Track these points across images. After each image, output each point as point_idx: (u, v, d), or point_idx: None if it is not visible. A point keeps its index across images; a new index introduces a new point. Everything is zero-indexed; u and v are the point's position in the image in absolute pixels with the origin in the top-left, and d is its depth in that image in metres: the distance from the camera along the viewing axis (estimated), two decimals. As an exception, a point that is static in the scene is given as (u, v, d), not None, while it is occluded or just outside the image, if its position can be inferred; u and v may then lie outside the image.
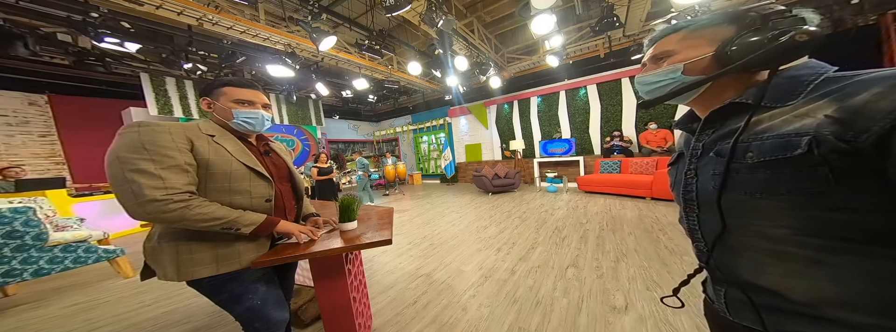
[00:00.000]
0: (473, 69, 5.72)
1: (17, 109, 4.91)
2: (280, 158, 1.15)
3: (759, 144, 0.42)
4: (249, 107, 1.00)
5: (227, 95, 0.97)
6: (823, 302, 0.40)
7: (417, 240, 3.29)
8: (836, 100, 0.37)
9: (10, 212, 2.09)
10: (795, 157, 0.38)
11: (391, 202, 6.39)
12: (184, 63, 4.72)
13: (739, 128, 0.45)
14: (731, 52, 0.46)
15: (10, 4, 3.24)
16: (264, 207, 1.00)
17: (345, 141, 10.44)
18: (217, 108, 0.97)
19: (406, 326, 1.64)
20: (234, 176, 0.93)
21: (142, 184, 0.75)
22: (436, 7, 3.48)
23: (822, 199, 0.37)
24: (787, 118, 0.41)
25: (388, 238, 1.07)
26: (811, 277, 0.40)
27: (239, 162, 0.94)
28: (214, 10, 3.53)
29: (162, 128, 0.82)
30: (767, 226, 0.42)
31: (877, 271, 0.36)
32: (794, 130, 0.39)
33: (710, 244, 0.51)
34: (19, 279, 2.16)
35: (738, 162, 0.44)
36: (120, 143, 0.78)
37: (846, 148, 0.35)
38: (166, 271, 0.86)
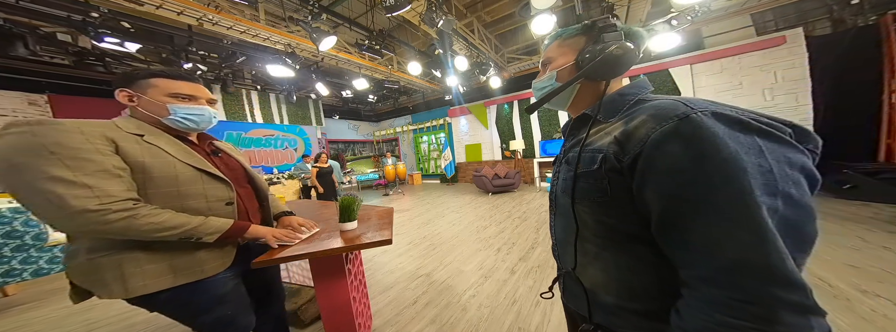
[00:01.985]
0: (473, 69, 5.72)
1: (17, 109, 4.90)
2: (232, 159, 1.05)
3: (584, 156, 0.49)
4: (191, 102, 0.88)
5: (159, 88, 0.84)
6: (597, 287, 0.51)
7: (417, 240, 3.29)
8: (624, 123, 0.44)
9: (9, 212, 2.09)
10: (593, 171, 0.46)
11: (391, 202, 6.39)
12: (184, 63, 4.72)
13: (580, 139, 0.52)
14: (581, 62, 0.52)
15: (10, 4, 3.24)
16: (226, 211, 0.89)
17: (345, 141, 10.44)
18: (144, 102, 0.83)
19: (406, 326, 1.64)
20: (182, 179, 0.82)
21: (62, 194, 0.63)
22: (436, 7, 3.48)
23: (604, 206, 0.46)
24: (600, 135, 0.48)
25: (388, 238, 1.06)
26: (594, 267, 0.51)
27: (184, 164, 0.83)
28: (214, 10, 3.52)
29: (65, 126, 0.68)
30: (582, 227, 0.51)
31: (623, 263, 0.47)
32: (597, 147, 0.46)
33: (557, 241, 0.61)
34: (19, 278, 2.16)
35: (576, 171, 0.49)
36: (6, 147, 0.63)
37: (618, 167, 0.42)
38: (111, 289, 0.74)
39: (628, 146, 0.41)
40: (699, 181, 0.34)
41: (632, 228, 0.44)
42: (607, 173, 0.44)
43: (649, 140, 0.38)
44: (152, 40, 4.32)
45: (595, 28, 0.52)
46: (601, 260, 0.49)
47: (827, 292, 1.65)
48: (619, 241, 0.46)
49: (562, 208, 0.56)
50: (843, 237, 2.41)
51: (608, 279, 0.49)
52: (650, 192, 0.38)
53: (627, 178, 0.41)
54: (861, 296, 1.58)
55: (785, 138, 0.36)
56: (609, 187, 0.44)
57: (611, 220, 0.46)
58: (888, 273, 1.80)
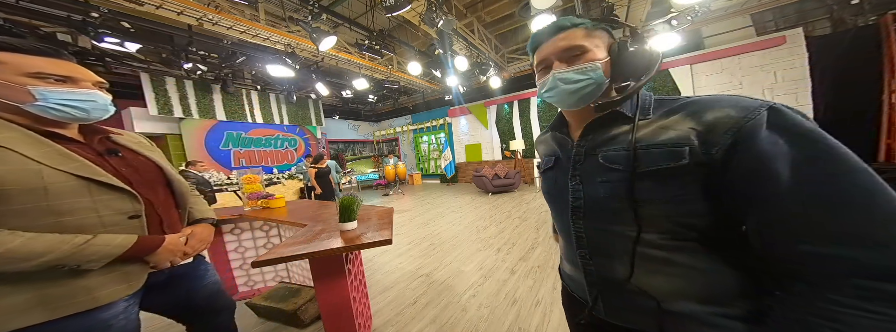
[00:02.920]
0: (473, 69, 5.72)
1: (17, 109, 4.91)
2: (139, 157, 0.83)
3: (652, 152, 0.43)
4: (69, 85, 0.66)
5: (9, 66, 0.61)
6: (672, 295, 0.44)
7: (417, 240, 3.29)
8: (689, 116, 0.42)
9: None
10: (679, 166, 0.41)
11: (391, 202, 6.39)
12: (184, 63, 4.73)
13: (618, 136, 0.49)
14: (618, 59, 0.48)
15: (11, 4, 3.24)
16: (129, 226, 0.71)
17: (345, 141, 10.44)
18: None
19: (406, 326, 1.64)
20: (54, 191, 0.61)
21: None
22: (436, 7, 3.48)
23: (683, 204, 0.42)
24: (654, 130, 0.45)
25: (388, 238, 1.07)
26: (663, 273, 0.45)
27: (57, 171, 0.62)
28: (214, 10, 3.53)
29: None
30: (647, 230, 0.45)
31: (705, 265, 0.42)
32: (671, 140, 0.42)
33: (592, 251, 0.51)
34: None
35: (634, 170, 0.44)
36: None
37: (704, 160, 0.39)
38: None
39: (713, 137, 0.39)
40: (833, 169, 0.32)
41: (713, 225, 0.41)
42: (693, 167, 0.40)
43: (743, 130, 0.37)
44: (152, 40, 4.33)
45: (621, 26, 0.51)
46: (674, 265, 0.44)
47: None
48: (699, 241, 0.42)
49: (604, 214, 0.49)
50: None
51: (687, 284, 0.43)
52: (769, 185, 0.35)
53: (718, 171, 0.38)
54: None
55: None
56: (691, 182, 0.40)
57: (690, 219, 0.42)
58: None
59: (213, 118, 6.41)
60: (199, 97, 6.12)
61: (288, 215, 1.74)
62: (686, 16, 3.96)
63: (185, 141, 6.09)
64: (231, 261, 2.08)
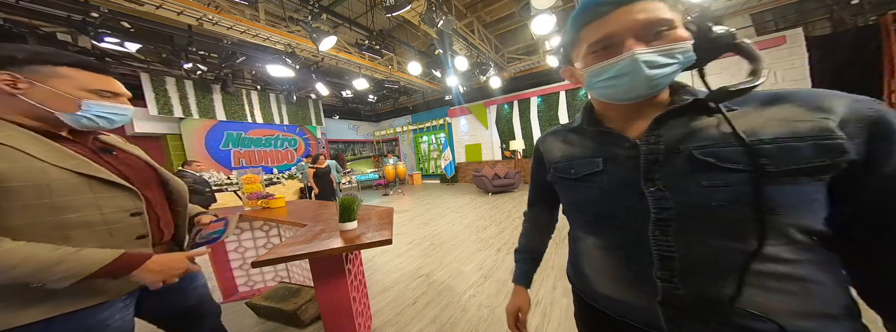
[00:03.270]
0: (473, 69, 5.73)
1: (17, 109, 4.91)
2: (131, 156, 0.83)
3: (783, 147, 0.35)
4: (114, 100, 0.72)
5: (74, 81, 0.66)
6: (788, 315, 0.37)
7: (417, 240, 3.29)
8: (808, 106, 0.36)
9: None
10: (824, 165, 0.34)
11: (391, 202, 6.39)
12: (184, 63, 4.73)
13: (704, 130, 0.41)
14: (703, 39, 0.41)
15: (11, 4, 3.24)
16: (131, 223, 0.71)
17: (345, 141, 10.44)
18: (38, 92, 0.62)
19: (406, 326, 1.64)
20: (58, 189, 0.61)
21: None
22: (436, 7, 3.48)
23: (815, 210, 0.35)
24: (765, 121, 0.38)
25: (388, 238, 1.07)
26: (784, 292, 0.37)
27: (60, 169, 0.62)
28: (214, 10, 3.53)
29: None
30: (771, 242, 0.36)
31: (828, 276, 0.37)
32: (809, 133, 0.34)
33: (685, 271, 0.41)
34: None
35: (752, 171, 0.36)
36: None
37: (848, 155, 0.33)
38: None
39: (849, 129, 0.33)
40: None
41: (833, 232, 0.37)
42: (837, 163, 0.34)
43: (880, 121, 0.33)
44: (152, 40, 4.33)
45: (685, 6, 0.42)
46: (795, 279, 0.36)
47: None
48: (821, 250, 0.37)
49: (712, 226, 0.39)
50: (843, 237, 2.41)
51: (810, 301, 0.37)
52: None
53: (858, 166, 0.34)
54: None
55: None
56: (828, 183, 0.35)
57: (817, 226, 0.36)
58: (888, 273, 1.80)
59: (213, 118, 6.41)
60: (199, 97, 6.12)
61: (288, 215, 1.74)
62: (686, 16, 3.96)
63: (185, 141, 6.09)
64: (231, 261, 2.08)
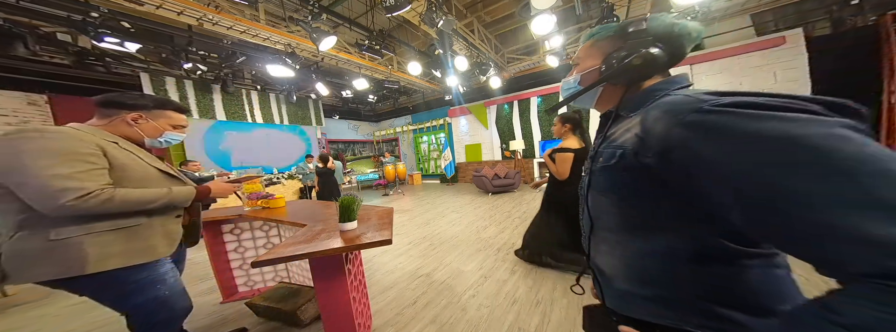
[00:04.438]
0: (473, 69, 5.73)
1: (17, 109, 4.90)
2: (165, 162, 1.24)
3: (605, 152, 0.50)
4: (180, 130, 1.15)
5: (169, 119, 1.11)
6: (612, 274, 0.53)
7: (417, 240, 3.29)
8: (643, 118, 0.43)
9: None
10: (612, 165, 0.48)
11: (391, 202, 6.39)
12: (184, 63, 4.73)
13: (608, 135, 0.54)
14: (605, 68, 0.53)
15: (11, 4, 3.24)
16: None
17: (345, 141, 10.44)
18: (147, 126, 1.06)
19: (406, 326, 1.64)
20: (151, 179, 1.03)
21: (60, 184, 0.81)
22: (436, 7, 3.48)
23: (625, 199, 0.48)
24: (621, 131, 0.49)
25: (388, 238, 1.07)
26: (610, 256, 0.53)
27: (153, 167, 1.05)
28: (214, 10, 3.53)
29: (68, 135, 0.87)
30: (599, 218, 0.54)
31: (639, 252, 0.48)
32: (619, 143, 0.48)
33: (585, 233, 0.61)
34: (19, 278, 2.16)
35: (596, 165, 0.52)
36: (21, 147, 0.81)
37: (638, 163, 0.43)
38: (80, 265, 0.86)
39: (649, 141, 0.41)
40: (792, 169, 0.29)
41: (656, 220, 0.45)
42: (627, 168, 0.45)
43: (668, 135, 0.38)
44: (152, 40, 4.33)
45: (626, 32, 0.52)
46: (618, 249, 0.51)
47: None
48: (636, 231, 0.48)
49: (585, 201, 0.58)
50: (843, 238, 2.41)
51: (624, 267, 0.51)
52: (717, 186, 0.35)
53: (659, 173, 0.41)
54: (861, 296, 1.58)
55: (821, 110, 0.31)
56: (631, 180, 0.46)
57: (636, 211, 0.47)
58: (888, 273, 1.80)
59: (213, 118, 6.41)
60: (199, 97, 6.12)
61: (288, 215, 1.74)
62: (686, 16, 3.96)
63: (185, 140, 6.09)
64: (231, 261, 2.08)
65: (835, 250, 0.28)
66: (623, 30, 0.52)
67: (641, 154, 0.42)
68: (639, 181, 0.45)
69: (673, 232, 0.44)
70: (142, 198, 0.95)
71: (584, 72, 0.58)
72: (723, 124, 0.33)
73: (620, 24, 0.54)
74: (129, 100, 1.04)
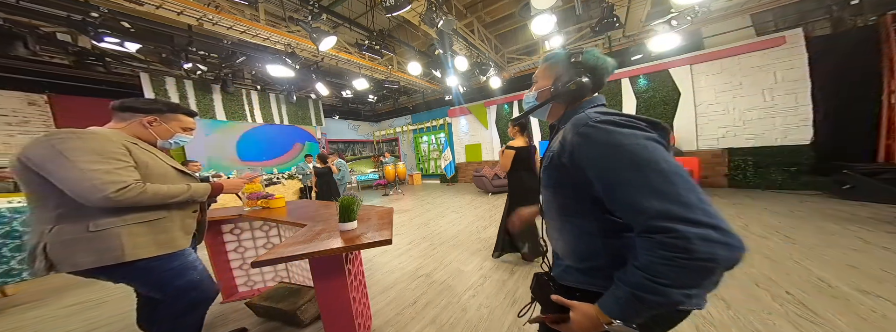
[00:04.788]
0: (473, 69, 5.72)
1: (17, 109, 4.90)
2: None
3: (547, 155, 0.65)
4: (189, 133, 1.25)
5: (180, 122, 1.21)
6: (565, 253, 0.67)
7: (417, 240, 3.29)
8: (564, 130, 0.60)
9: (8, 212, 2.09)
10: (547, 165, 0.64)
11: (391, 202, 6.39)
12: (184, 63, 4.72)
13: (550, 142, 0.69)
14: (553, 89, 0.69)
15: (11, 4, 3.24)
16: None
17: (345, 141, 10.44)
18: (160, 128, 1.16)
19: (406, 326, 1.64)
20: (169, 176, 1.14)
21: (102, 179, 0.91)
22: (436, 7, 3.48)
23: (559, 191, 0.64)
24: (556, 140, 0.64)
25: (388, 238, 1.07)
26: (558, 239, 0.69)
27: (170, 166, 1.16)
28: (214, 10, 3.52)
29: (100, 136, 0.98)
30: (550, 209, 0.69)
31: (574, 233, 0.63)
32: (552, 148, 0.64)
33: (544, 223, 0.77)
34: (18, 278, 2.16)
35: (543, 166, 0.67)
36: (61, 147, 0.91)
37: (560, 163, 0.59)
38: (109, 255, 0.97)
39: (565, 147, 0.58)
40: (613, 162, 0.50)
41: (577, 206, 0.61)
42: (555, 167, 0.61)
43: (571, 142, 0.56)
44: (152, 40, 4.32)
45: (569, 61, 0.68)
46: (561, 233, 0.67)
47: (826, 292, 1.65)
48: (569, 216, 0.63)
49: (540, 196, 0.74)
50: (843, 238, 2.41)
51: (567, 247, 0.65)
52: (592, 178, 0.53)
53: (570, 170, 0.57)
54: (861, 296, 1.58)
55: (643, 126, 0.52)
56: (557, 176, 0.62)
57: (565, 200, 0.63)
58: (888, 273, 1.80)
59: (214, 118, 6.40)
60: (199, 97, 6.12)
61: (288, 215, 1.74)
62: (686, 16, 3.96)
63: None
64: (231, 261, 2.08)
65: (633, 216, 0.47)
66: (568, 59, 0.68)
67: (561, 156, 0.59)
68: (561, 177, 0.61)
69: (588, 214, 0.59)
70: (168, 192, 1.05)
71: (540, 89, 0.73)
72: (594, 134, 0.53)
73: (567, 54, 0.69)
74: (144, 104, 1.13)
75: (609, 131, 0.51)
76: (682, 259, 0.41)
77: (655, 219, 0.43)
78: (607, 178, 0.50)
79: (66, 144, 0.91)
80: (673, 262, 0.41)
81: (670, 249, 0.41)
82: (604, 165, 0.51)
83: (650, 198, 0.44)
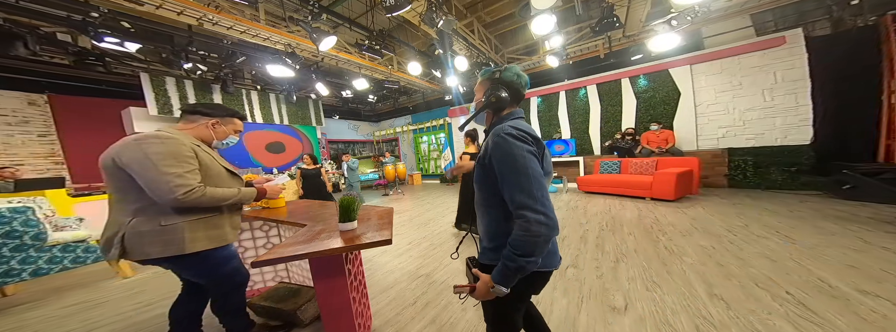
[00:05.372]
0: (473, 69, 5.73)
1: (17, 109, 4.90)
2: None
3: (479, 156, 0.80)
4: (237, 135, 1.42)
5: (235, 126, 1.38)
6: (483, 236, 0.84)
7: (417, 240, 3.29)
8: (488, 139, 0.78)
9: (8, 212, 2.09)
10: (477, 165, 0.80)
11: (391, 202, 6.39)
12: (184, 63, 4.72)
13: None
14: (483, 101, 0.85)
15: (11, 4, 3.24)
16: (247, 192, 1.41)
17: (345, 141, 10.44)
18: (219, 130, 1.33)
19: (406, 326, 1.64)
20: (223, 177, 1.27)
21: (176, 181, 1.05)
22: (436, 7, 3.48)
23: (482, 185, 0.80)
24: (485, 144, 0.79)
25: (388, 238, 1.07)
26: (481, 223, 0.85)
27: (223, 167, 1.29)
28: (214, 10, 3.53)
29: (177, 141, 1.12)
30: (478, 200, 0.84)
31: (488, 218, 0.81)
32: (481, 151, 0.80)
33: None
34: (18, 278, 2.16)
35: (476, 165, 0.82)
36: (147, 150, 1.05)
37: (483, 162, 0.77)
38: (175, 246, 1.11)
39: (487, 151, 0.75)
40: (506, 165, 0.70)
41: (492, 198, 0.77)
42: (480, 166, 0.78)
43: (489, 146, 0.75)
44: (152, 40, 4.32)
45: (493, 77, 0.84)
46: (482, 219, 0.83)
47: (826, 292, 1.65)
48: (487, 206, 0.80)
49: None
50: (843, 238, 2.41)
51: (485, 230, 0.82)
52: (496, 174, 0.73)
53: (488, 168, 0.75)
54: (861, 296, 1.58)
55: (529, 141, 0.72)
56: (481, 172, 0.78)
57: (486, 193, 0.79)
58: (888, 273, 1.80)
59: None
60: (199, 97, 6.12)
61: (288, 215, 1.74)
62: (686, 16, 3.96)
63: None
64: (231, 261, 2.08)
65: (510, 205, 0.69)
66: (492, 76, 0.84)
67: (484, 157, 0.76)
68: (484, 174, 0.76)
69: (496, 205, 0.76)
70: (222, 196, 1.19)
71: (476, 101, 0.89)
72: (501, 143, 0.71)
73: (491, 71, 0.86)
74: (209, 109, 1.30)
75: (509, 142, 0.70)
76: (526, 235, 0.64)
77: (519, 208, 0.66)
78: (501, 175, 0.71)
79: (151, 148, 1.05)
80: (521, 238, 0.65)
81: (522, 228, 0.65)
82: (500, 166, 0.71)
83: (518, 193, 0.67)
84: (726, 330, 1.40)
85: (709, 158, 5.14)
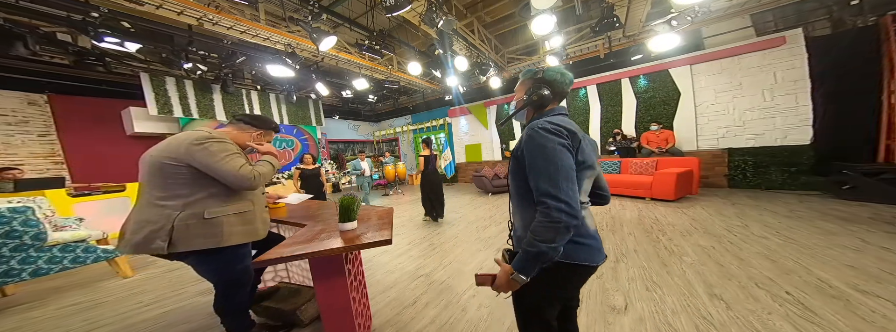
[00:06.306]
0: (473, 69, 5.73)
1: (17, 109, 4.90)
2: None
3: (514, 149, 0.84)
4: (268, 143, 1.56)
5: (270, 137, 1.51)
6: (520, 227, 0.85)
7: (417, 240, 3.29)
8: (524, 133, 0.80)
9: (8, 212, 2.08)
10: (513, 156, 0.83)
11: (391, 202, 6.39)
12: (184, 63, 4.72)
13: None
14: (525, 99, 0.88)
15: (11, 4, 3.24)
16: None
17: (345, 141, 10.43)
18: (259, 140, 1.45)
19: (406, 326, 1.64)
20: None
21: (245, 171, 1.20)
22: (436, 7, 3.48)
23: (515, 175, 0.82)
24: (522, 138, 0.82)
25: (388, 238, 1.07)
26: (516, 214, 0.87)
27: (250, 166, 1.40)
28: (215, 10, 3.52)
29: (228, 140, 1.26)
30: (513, 190, 0.86)
31: (523, 209, 0.82)
32: (517, 144, 0.82)
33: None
34: (18, 278, 2.16)
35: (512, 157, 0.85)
36: (214, 149, 1.17)
37: (519, 153, 0.79)
38: (214, 239, 1.18)
39: (521, 143, 0.79)
40: (535, 156, 0.73)
41: (525, 187, 0.78)
42: (515, 158, 0.81)
43: (523, 139, 0.78)
44: (152, 40, 4.32)
45: (535, 77, 0.88)
46: (517, 207, 0.86)
47: (826, 292, 1.65)
48: (521, 195, 0.82)
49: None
50: (843, 238, 2.41)
51: (521, 220, 0.84)
52: (527, 165, 0.76)
53: (521, 160, 0.78)
54: (861, 296, 1.58)
55: (563, 134, 0.74)
56: (516, 165, 0.81)
57: (520, 182, 0.81)
58: (888, 274, 1.80)
59: (214, 119, 6.40)
60: (199, 97, 6.12)
61: (288, 215, 1.74)
62: (686, 16, 3.96)
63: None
64: (231, 261, 2.08)
65: (535, 192, 0.72)
66: (534, 76, 0.88)
67: (519, 149, 0.79)
68: (518, 165, 0.79)
69: (528, 194, 0.77)
70: (268, 171, 1.31)
71: (517, 100, 0.93)
72: (534, 135, 0.74)
73: (534, 71, 0.89)
74: (257, 121, 1.43)
75: (541, 135, 0.73)
76: (546, 221, 0.67)
77: (541, 195, 0.69)
78: (530, 165, 0.74)
79: (214, 146, 1.18)
80: (542, 223, 0.68)
81: (543, 214, 0.68)
82: (530, 157, 0.74)
83: (543, 181, 0.70)
84: (726, 330, 1.40)
85: (709, 158, 5.14)
